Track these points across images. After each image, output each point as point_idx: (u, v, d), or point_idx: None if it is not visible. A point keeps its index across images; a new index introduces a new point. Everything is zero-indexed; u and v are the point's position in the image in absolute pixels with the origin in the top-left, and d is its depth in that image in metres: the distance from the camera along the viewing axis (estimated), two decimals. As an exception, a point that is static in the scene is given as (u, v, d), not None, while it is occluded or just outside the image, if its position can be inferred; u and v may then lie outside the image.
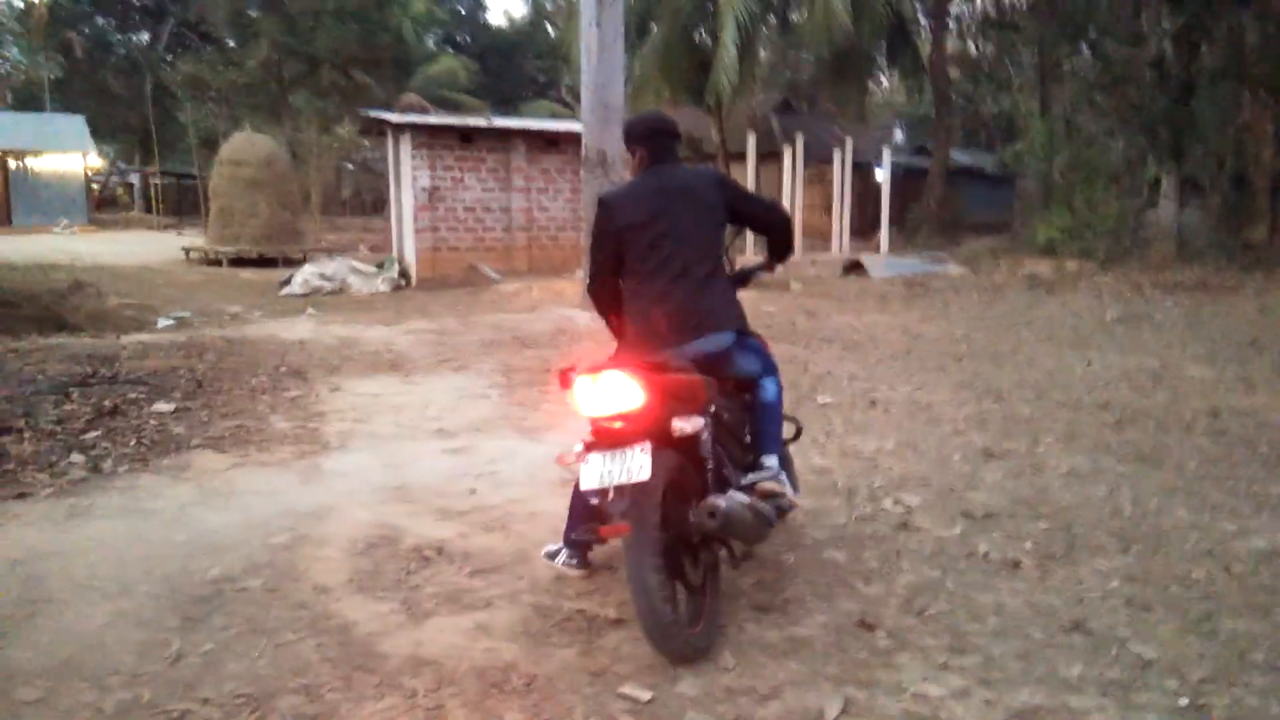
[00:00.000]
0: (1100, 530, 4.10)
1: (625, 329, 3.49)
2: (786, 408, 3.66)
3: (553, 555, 3.66)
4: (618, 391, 2.94)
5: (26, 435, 5.40)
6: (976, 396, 6.85)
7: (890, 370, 7.88)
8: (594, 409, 2.97)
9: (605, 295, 3.55)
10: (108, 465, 4.92)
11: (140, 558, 3.70)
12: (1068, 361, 8.34)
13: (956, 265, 17.72)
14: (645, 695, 2.74)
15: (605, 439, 2.96)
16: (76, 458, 4.99)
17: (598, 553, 3.66)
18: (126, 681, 2.78)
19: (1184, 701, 2.71)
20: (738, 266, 3.78)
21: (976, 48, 29.49)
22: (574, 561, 3.61)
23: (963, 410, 6.42)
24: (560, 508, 4.15)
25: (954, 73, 28.31)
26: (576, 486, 3.54)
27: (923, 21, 28.73)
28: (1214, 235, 21.74)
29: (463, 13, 46.64)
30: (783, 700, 2.71)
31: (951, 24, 27.30)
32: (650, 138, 3.49)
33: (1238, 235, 21.35)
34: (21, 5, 41.89)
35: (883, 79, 34.11)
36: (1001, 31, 27.76)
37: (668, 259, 3.34)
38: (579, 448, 3.01)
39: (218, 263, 18.43)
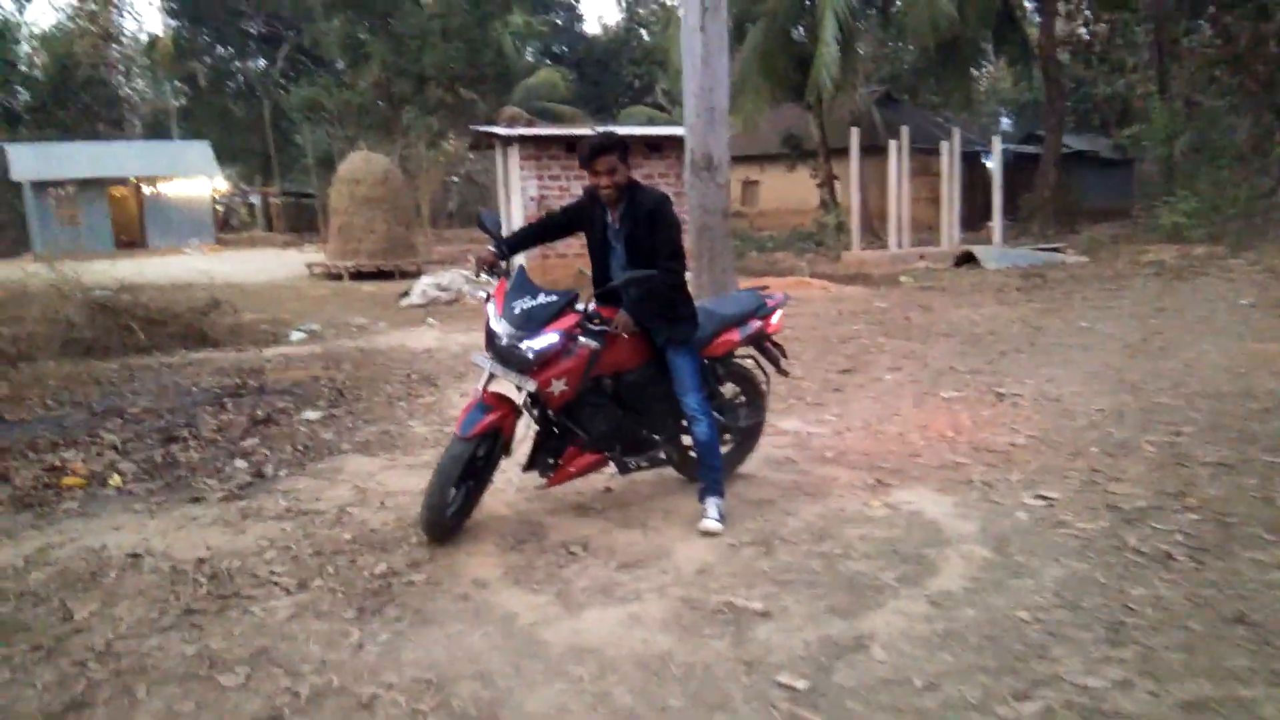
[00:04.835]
0: (1254, 522, 3.98)
1: None
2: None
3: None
4: None
5: (191, 444, 5.82)
6: (1109, 388, 6.67)
7: (1014, 363, 7.72)
8: None
9: None
10: (269, 470, 5.26)
11: (311, 555, 3.97)
12: (1203, 350, 8.02)
13: (1075, 254, 17.16)
14: (802, 684, 2.81)
15: None
16: (240, 464, 5.36)
17: (749, 540, 3.75)
18: (316, 668, 3.00)
19: (1363, 695, 2.63)
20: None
21: (1087, 29, 28.41)
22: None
23: (1095, 403, 6.26)
24: (695, 506, 4.27)
25: (1063, 56, 27.35)
26: None
27: (1029, 5, 27.92)
28: (1356, 213, 20.38)
29: (560, 24, 47.37)
30: (941, 690, 2.75)
31: (1060, 6, 26.37)
32: None
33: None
34: (148, 39, 44.58)
35: (987, 66, 33.20)
36: (1114, 11, 26.71)
37: None
38: None
39: (339, 277, 19.22)
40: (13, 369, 8.42)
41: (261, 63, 44.75)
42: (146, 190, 33.29)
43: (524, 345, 3.88)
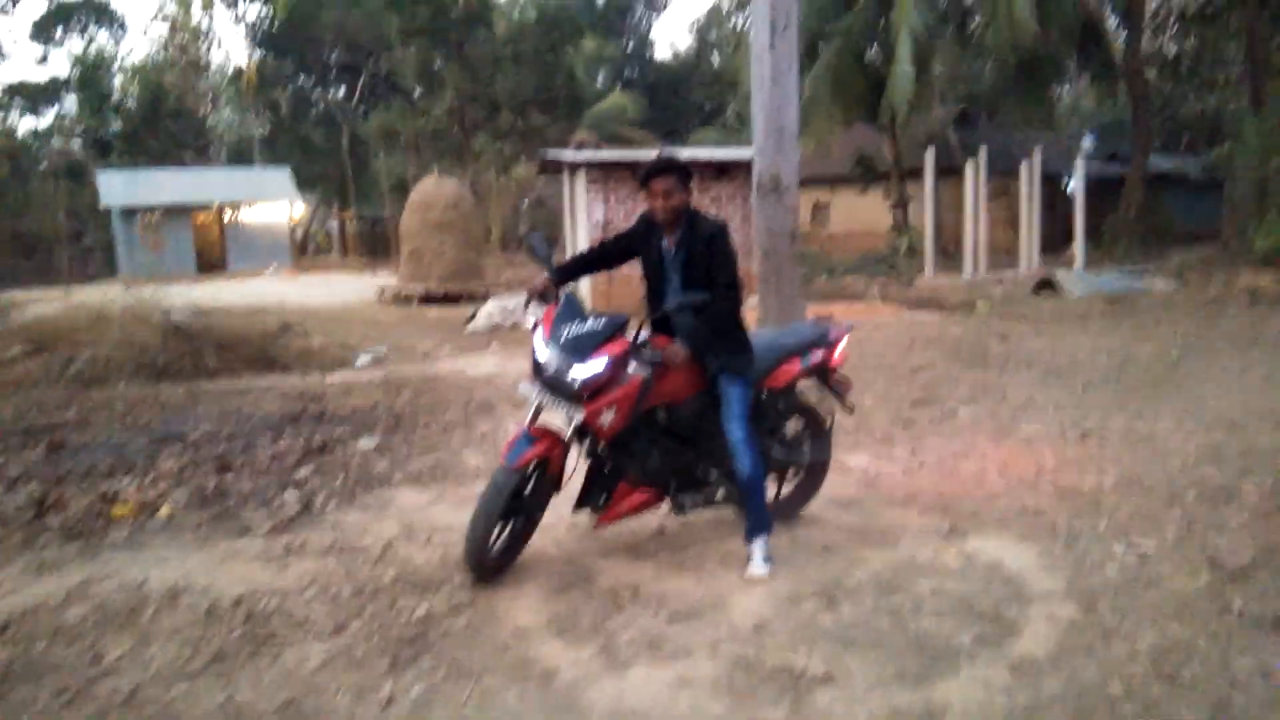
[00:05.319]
0: (1381, 585, 3.57)
1: None
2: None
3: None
4: None
5: (245, 472, 5.77)
6: (1205, 426, 6.21)
7: (1100, 397, 7.28)
8: None
9: None
10: (318, 502, 5.15)
11: (351, 595, 3.82)
12: (1310, 385, 7.47)
13: (1163, 280, 16.40)
14: (865, 764, 2.54)
15: None
16: (290, 494, 5.26)
17: (811, 591, 3.49)
18: (343, 725, 2.83)
19: None
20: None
21: (1176, 45, 27.42)
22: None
23: (1191, 442, 5.82)
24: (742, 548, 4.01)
25: (1150, 73, 26.42)
26: None
27: (1112, 22, 27.05)
28: None
29: (631, 49, 47.68)
30: (1023, 778, 2.45)
31: (1147, 22, 25.50)
32: None
33: None
34: (234, 70, 46.19)
35: (1069, 84, 32.28)
36: (1204, 26, 25.72)
37: None
38: None
39: (408, 301, 19.39)
40: (84, 392, 8.58)
41: (341, 91, 45.95)
42: (228, 215, 34.29)
43: (571, 373, 3.70)
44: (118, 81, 43.59)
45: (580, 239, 16.13)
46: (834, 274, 21.59)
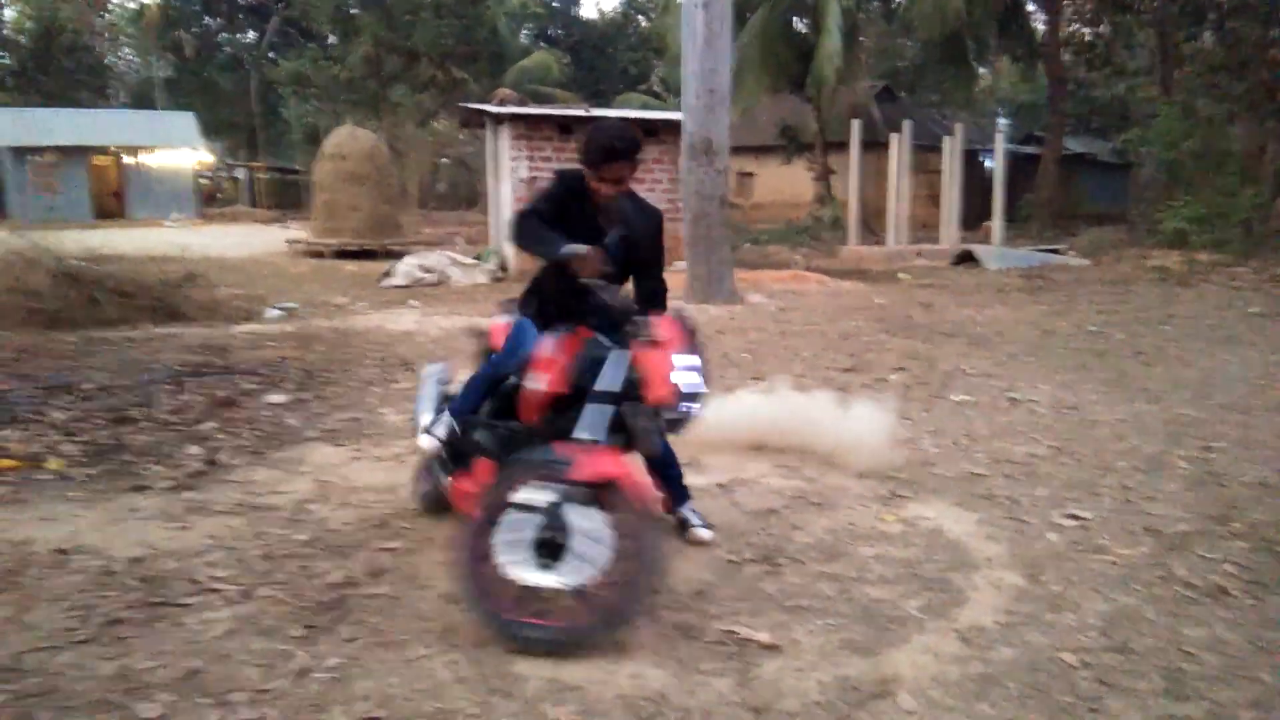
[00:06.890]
0: (1312, 553, 3.60)
1: None
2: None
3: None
4: None
5: (143, 425, 5.35)
6: (1128, 397, 6.29)
7: (1026, 367, 7.34)
8: None
9: None
10: (224, 457, 4.80)
11: (260, 557, 3.53)
12: (1220, 359, 7.68)
13: (1076, 257, 16.83)
14: (821, 738, 2.40)
15: None
16: (193, 449, 4.90)
17: (751, 557, 3.34)
18: (250, 699, 2.56)
19: None
20: None
21: (1091, 31, 28.08)
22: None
23: (1116, 412, 5.89)
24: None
25: (1065, 57, 27.02)
26: None
27: (1032, 6, 27.56)
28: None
29: (556, 6, 46.72)
30: (985, 752, 2.34)
31: (1065, 6, 26.03)
32: None
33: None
34: (136, 8, 43.71)
35: (982, 67, 32.78)
36: (1118, 14, 26.39)
37: None
38: None
39: (321, 254, 18.69)
40: (-36, 339, 7.92)
41: (250, 35, 43.96)
42: (127, 160, 32.53)
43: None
44: (8, 15, 40.78)
45: (504, 197, 15.69)
46: (759, 243, 21.61)
